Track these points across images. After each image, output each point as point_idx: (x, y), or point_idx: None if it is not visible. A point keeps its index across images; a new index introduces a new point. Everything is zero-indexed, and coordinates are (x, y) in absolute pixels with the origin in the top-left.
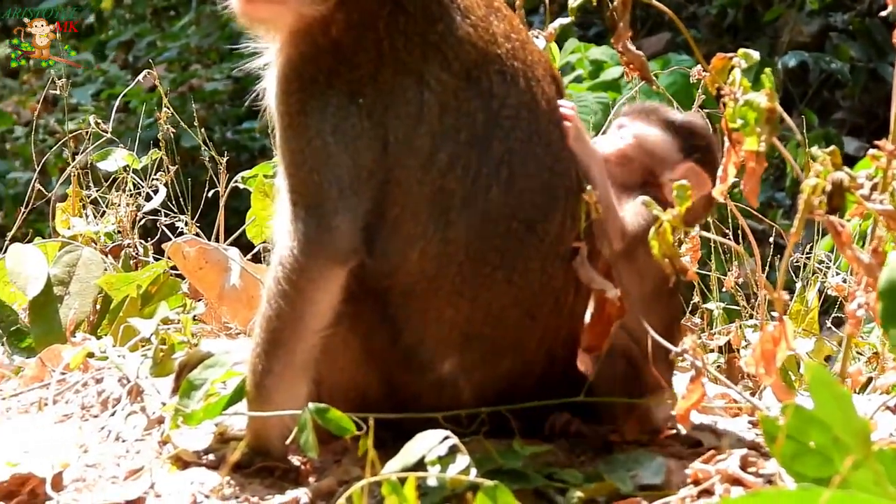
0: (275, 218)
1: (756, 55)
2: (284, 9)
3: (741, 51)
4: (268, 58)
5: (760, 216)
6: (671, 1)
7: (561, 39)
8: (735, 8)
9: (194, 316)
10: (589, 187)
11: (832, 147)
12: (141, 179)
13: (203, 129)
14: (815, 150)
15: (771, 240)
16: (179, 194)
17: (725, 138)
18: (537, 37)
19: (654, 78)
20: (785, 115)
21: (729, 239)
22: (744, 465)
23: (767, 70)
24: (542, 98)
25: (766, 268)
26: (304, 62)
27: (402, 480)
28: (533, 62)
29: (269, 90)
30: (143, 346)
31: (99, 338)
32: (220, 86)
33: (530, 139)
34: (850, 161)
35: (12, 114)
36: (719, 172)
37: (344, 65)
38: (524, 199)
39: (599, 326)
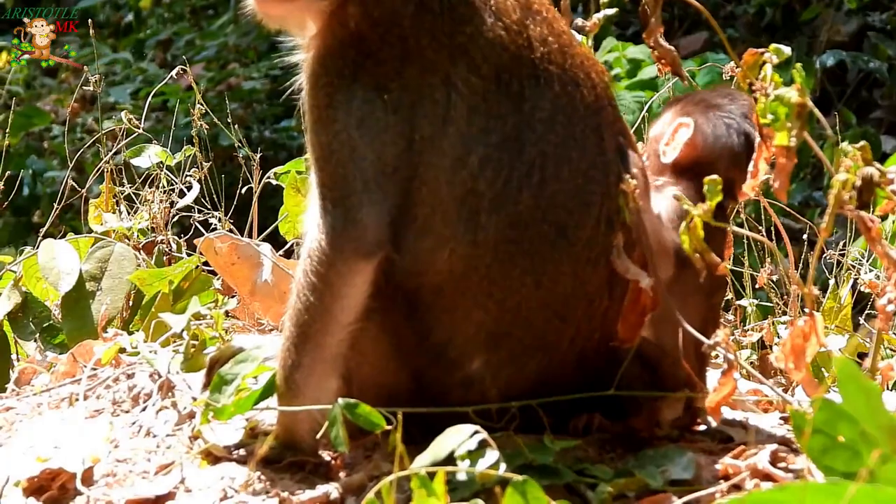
0: (306, 212)
1: (787, 50)
2: (295, 6)
3: (772, 46)
4: (301, 54)
5: (797, 215)
6: (709, 1)
7: (599, 38)
8: (773, 7)
9: (226, 311)
10: (627, 175)
11: (862, 142)
12: (175, 176)
13: (241, 128)
14: (845, 145)
15: (806, 238)
16: (213, 192)
17: (757, 133)
18: (581, 29)
19: (686, 73)
20: (818, 113)
21: (762, 235)
22: (773, 461)
23: (798, 65)
24: (580, 103)
25: (802, 265)
26: (331, 56)
27: (432, 475)
28: (573, 66)
29: (303, 83)
30: (174, 342)
31: (130, 333)
32: (258, 84)
33: (565, 144)
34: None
35: (50, 112)
36: (750, 168)
37: (369, 59)
38: (556, 204)
39: (633, 317)
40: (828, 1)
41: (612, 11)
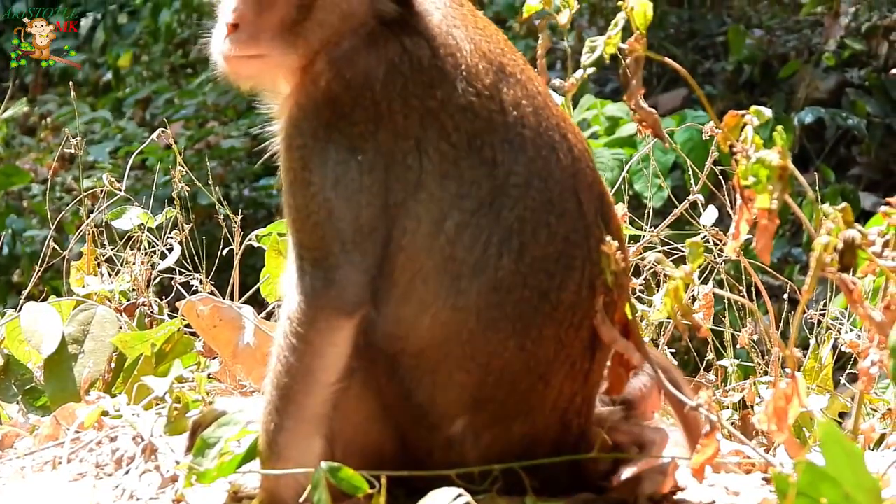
0: (285, 273)
1: (768, 112)
2: (263, 64)
3: (753, 108)
4: (276, 115)
5: (776, 273)
6: (687, 57)
7: (577, 95)
8: (751, 64)
9: (209, 374)
10: (608, 238)
11: (844, 204)
12: (156, 238)
13: (220, 187)
14: (826, 206)
15: (786, 296)
16: (194, 252)
17: (738, 195)
18: (558, 89)
19: (667, 136)
20: (797, 174)
21: (743, 295)
22: None
23: (779, 128)
24: (556, 167)
25: (782, 324)
26: (305, 117)
27: None
28: (548, 128)
29: (278, 146)
30: (157, 405)
31: (113, 396)
32: (238, 143)
33: (543, 208)
34: (868, 217)
35: (29, 171)
36: (732, 229)
37: (343, 119)
38: (537, 268)
39: (620, 371)
40: (806, 58)
41: (589, 71)
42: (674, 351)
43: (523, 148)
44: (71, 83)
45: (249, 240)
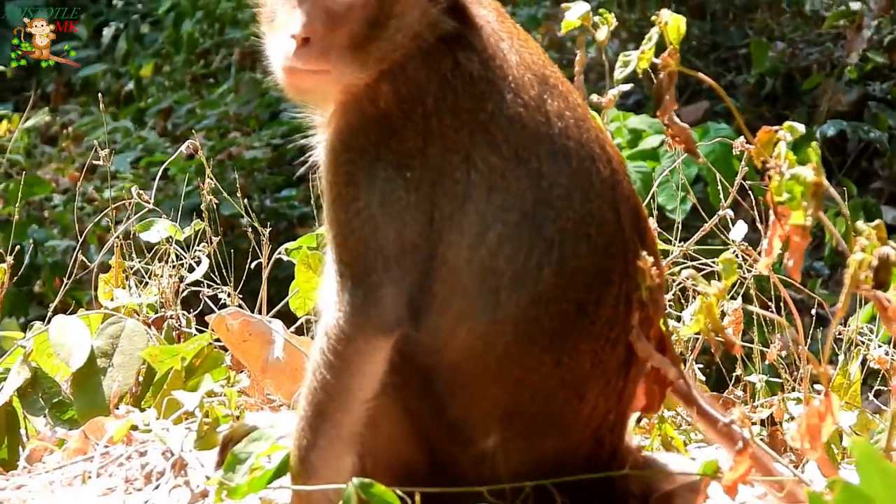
0: (321, 288)
1: (801, 128)
2: (328, 79)
3: (786, 124)
4: (319, 128)
5: (799, 286)
6: (709, 70)
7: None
8: (773, 77)
9: (239, 389)
10: (643, 252)
11: (878, 221)
12: (183, 249)
13: (242, 197)
14: (860, 224)
15: (813, 311)
16: (222, 264)
17: (770, 211)
18: (595, 105)
19: (699, 152)
20: (832, 191)
21: (771, 310)
22: None
23: (814, 144)
24: (596, 178)
25: (808, 339)
26: (353, 133)
27: None
28: (588, 140)
29: (320, 160)
30: (187, 419)
31: (142, 410)
32: (260, 153)
33: (583, 220)
34: (888, 231)
35: (51, 181)
36: (764, 245)
37: (392, 137)
38: (576, 281)
39: (657, 388)
40: (828, 71)
41: (626, 87)
42: (701, 366)
43: (567, 159)
44: (99, 95)
45: (279, 253)
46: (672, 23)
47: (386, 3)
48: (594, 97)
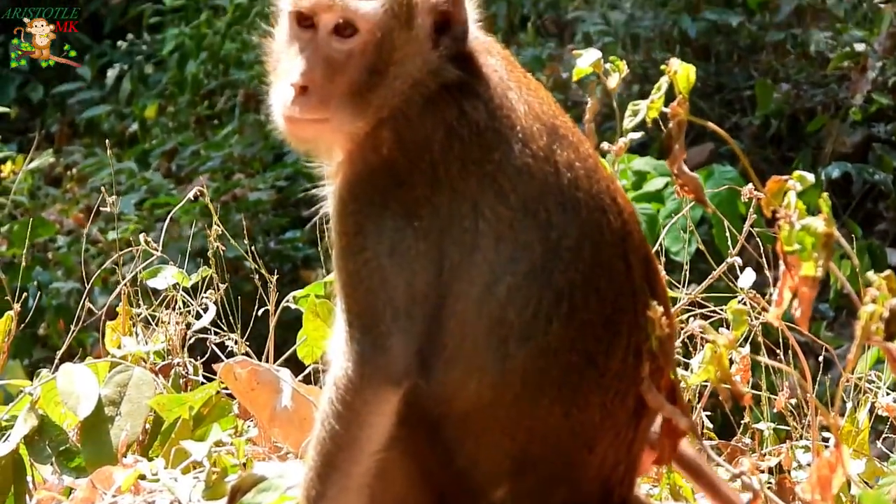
0: (331, 339)
1: (811, 178)
2: (327, 128)
3: (796, 173)
4: (328, 177)
5: (803, 330)
6: (714, 111)
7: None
8: (778, 118)
9: (247, 438)
10: (653, 302)
11: (888, 272)
12: (189, 295)
13: (245, 239)
14: (871, 274)
15: (821, 358)
16: (229, 311)
17: (780, 261)
18: (606, 152)
19: (708, 201)
20: (843, 242)
21: (778, 356)
22: None
23: (825, 195)
24: (606, 230)
25: (815, 384)
26: (360, 182)
27: None
28: (599, 191)
29: (330, 210)
30: (195, 469)
31: (150, 459)
32: (264, 195)
33: (593, 272)
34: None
35: (55, 222)
36: (774, 296)
37: (400, 185)
38: (585, 333)
39: (669, 441)
40: (833, 112)
41: (637, 135)
42: (709, 413)
43: (577, 210)
44: (105, 137)
45: (287, 301)
46: (682, 71)
47: (384, 51)
48: (605, 145)
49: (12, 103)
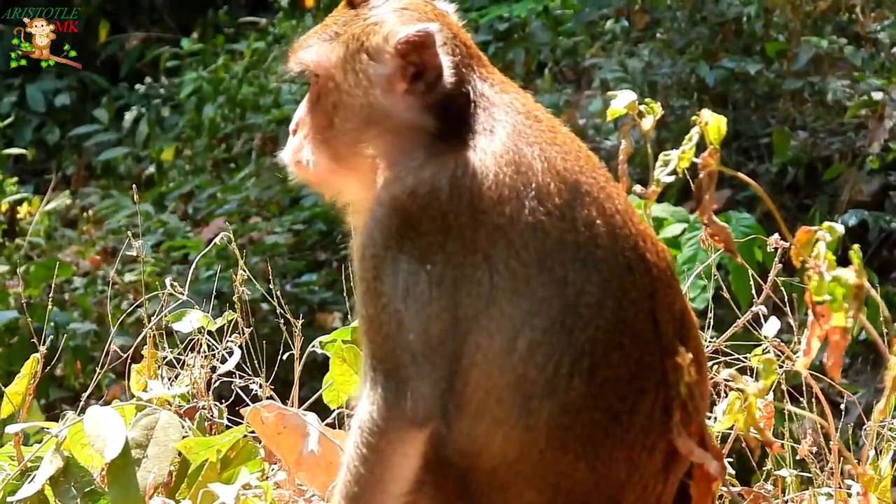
0: (358, 384)
1: (840, 229)
2: (304, 171)
3: (826, 224)
4: (349, 222)
5: (820, 375)
6: (731, 159)
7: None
8: (795, 166)
9: (275, 482)
10: (682, 348)
11: None
12: (213, 339)
13: (262, 282)
14: None
15: (843, 406)
16: (253, 354)
17: (809, 311)
18: (639, 195)
19: (736, 251)
20: (873, 292)
21: (803, 407)
22: None
23: (856, 246)
24: (631, 287)
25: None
26: (377, 226)
27: None
28: (624, 249)
29: (352, 255)
30: None
31: (177, 502)
32: (281, 238)
33: (616, 329)
34: None
35: (71, 264)
36: (803, 346)
37: (413, 229)
38: (608, 390)
39: (703, 484)
40: (850, 160)
41: (670, 179)
42: (730, 460)
43: (597, 268)
44: (125, 179)
45: (313, 346)
46: (713, 122)
47: (345, 95)
48: (637, 188)
49: (29, 145)
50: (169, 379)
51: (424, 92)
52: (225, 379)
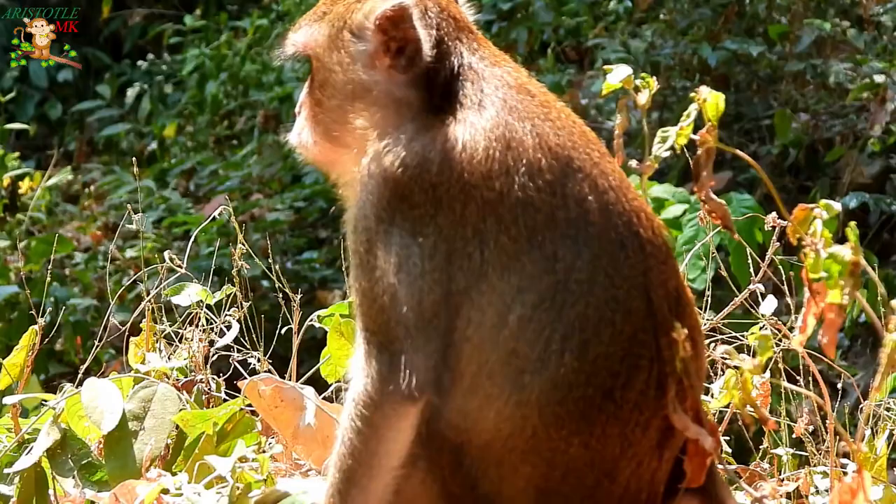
0: (352, 357)
1: (837, 206)
2: (305, 149)
3: (822, 202)
4: (344, 197)
5: (819, 356)
6: (732, 140)
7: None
8: (797, 148)
9: (271, 454)
10: (678, 324)
11: None
12: (212, 313)
13: (262, 259)
14: (895, 303)
15: (839, 386)
16: (251, 329)
17: (805, 288)
18: (633, 171)
19: (734, 228)
20: (869, 270)
21: (799, 383)
22: None
23: (852, 224)
24: (624, 264)
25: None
26: (369, 199)
27: None
28: (617, 225)
29: (347, 229)
30: (218, 484)
31: (174, 474)
32: (282, 216)
33: (607, 306)
34: None
35: (72, 239)
36: (799, 322)
37: (404, 202)
38: (600, 367)
39: (698, 460)
40: (851, 143)
41: (666, 154)
42: (728, 438)
43: (587, 244)
44: (125, 155)
45: (310, 320)
46: (711, 99)
47: (333, 72)
48: (633, 162)
49: (31, 121)
50: (167, 352)
51: (406, 66)
52: (223, 353)
